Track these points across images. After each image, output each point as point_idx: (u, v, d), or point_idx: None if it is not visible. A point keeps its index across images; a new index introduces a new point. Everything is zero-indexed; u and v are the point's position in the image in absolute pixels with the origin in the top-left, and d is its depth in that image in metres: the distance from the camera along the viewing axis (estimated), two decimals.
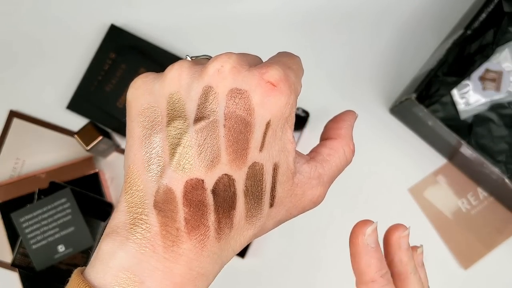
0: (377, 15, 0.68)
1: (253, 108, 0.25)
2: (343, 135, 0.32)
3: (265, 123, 0.26)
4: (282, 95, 0.26)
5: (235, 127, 0.25)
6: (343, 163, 0.31)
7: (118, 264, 0.25)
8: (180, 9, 0.68)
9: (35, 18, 0.68)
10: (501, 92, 0.65)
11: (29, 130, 0.66)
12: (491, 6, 0.58)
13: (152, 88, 0.28)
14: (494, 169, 0.55)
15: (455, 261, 0.64)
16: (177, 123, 0.26)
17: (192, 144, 0.25)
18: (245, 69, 0.26)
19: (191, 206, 0.25)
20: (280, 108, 0.26)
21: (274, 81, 0.26)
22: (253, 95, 0.26)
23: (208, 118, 0.25)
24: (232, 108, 0.25)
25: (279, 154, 0.27)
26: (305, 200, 0.29)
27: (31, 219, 0.59)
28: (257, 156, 0.26)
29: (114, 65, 0.65)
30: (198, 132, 0.25)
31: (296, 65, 0.30)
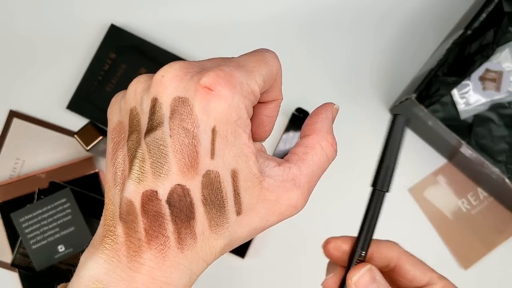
0: (377, 15, 0.68)
1: (196, 115, 0.25)
2: (318, 129, 0.30)
3: (210, 130, 0.25)
4: (221, 98, 0.25)
5: (180, 136, 0.25)
6: (322, 159, 0.29)
7: (88, 274, 0.26)
8: (180, 9, 0.68)
9: (35, 18, 0.68)
10: (501, 92, 0.65)
11: (29, 130, 0.66)
12: (491, 6, 0.58)
13: (120, 106, 0.28)
14: (494, 169, 0.55)
15: (455, 261, 0.64)
16: (133, 137, 0.26)
17: (145, 156, 0.25)
18: (188, 76, 0.26)
19: (149, 217, 0.25)
20: (223, 113, 0.25)
21: (209, 85, 0.25)
22: (194, 102, 0.25)
23: (156, 130, 0.25)
24: (176, 118, 0.25)
25: (236, 160, 0.26)
26: (281, 205, 0.28)
27: (31, 219, 0.59)
28: (209, 164, 0.25)
29: (114, 65, 0.65)
30: (148, 144, 0.25)
31: (254, 63, 0.28)
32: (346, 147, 0.66)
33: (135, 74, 0.64)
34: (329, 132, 0.30)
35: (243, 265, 0.64)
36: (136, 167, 0.26)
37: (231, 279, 0.64)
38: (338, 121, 0.70)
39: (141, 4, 0.68)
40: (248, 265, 0.64)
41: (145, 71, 0.64)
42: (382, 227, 0.67)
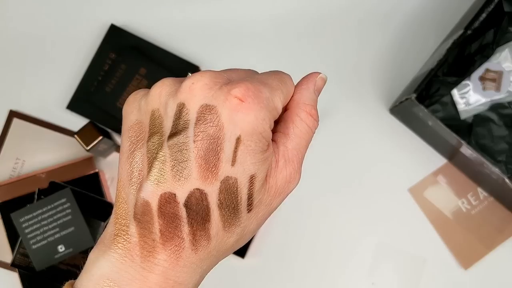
0: (377, 16, 0.68)
1: (222, 124, 0.26)
2: (296, 100, 0.30)
3: (235, 139, 0.26)
4: (250, 110, 0.26)
5: (205, 143, 0.26)
6: (304, 130, 0.30)
7: (100, 272, 0.26)
8: (180, 9, 0.68)
9: (34, 18, 0.68)
10: (501, 92, 0.65)
11: (29, 130, 0.66)
12: (491, 6, 0.58)
13: (140, 105, 0.29)
14: (494, 169, 0.55)
15: (455, 261, 0.64)
16: (155, 139, 0.27)
17: (166, 159, 0.26)
18: (217, 86, 0.27)
19: (165, 219, 0.26)
20: (250, 123, 0.26)
21: (241, 96, 0.26)
22: (222, 111, 0.26)
23: (180, 134, 0.26)
24: (201, 124, 0.26)
25: (255, 166, 0.27)
26: (279, 185, 0.29)
27: (31, 219, 0.59)
28: (229, 170, 0.26)
29: (114, 65, 0.65)
30: (171, 148, 0.26)
31: (277, 82, 0.29)
32: (345, 147, 0.66)
33: (135, 74, 0.64)
34: (308, 102, 0.30)
35: (243, 265, 0.64)
36: (156, 169, 0.26)
37: (231, 279, 0.64)
38: (338, 121, 0.71)
39: (141, 4, 0.68)
40: (248, 265, 0.64)
41: (145, 71, 0.64)
42: (382, 227, 0.67)
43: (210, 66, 0.67)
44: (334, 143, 0.66)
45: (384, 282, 0.64)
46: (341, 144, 0.66)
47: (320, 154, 0.66)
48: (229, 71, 0.29)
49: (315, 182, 0.65)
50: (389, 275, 0.64)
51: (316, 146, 0.66)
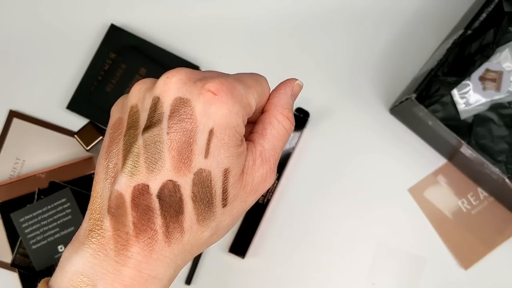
0: (377, 15, 0.68)
1: (196, 116, 0.26)
2: (274, 104, 0.31)
3: (208, 131, 0.27)
4: (223, 103, 0.27)
5: (178, 135, 0.26)
6: (281, 132, 0.31)
7: (73, 268, 0.26)
8: (181, 9, 0.68)
9: (34, 18, 0.68)
10: (501, 92, 0.65)
11: (29, 130, 0.66)
12: (491, 6, 0.58)
13: (123, 104, 0.30)
14: (494, 169, 0.55)
15: (455, 261, 0.64)
16: (131, 132, 0.27)
17: (140, 151, 0.26)
18: (192, 81, 0.27)
19: (138, 211, 0.26)
20: (223, 116, 0.27)
21: (215, 90, 0.27)
22: (196, 104, 0.26)
23: (154, 127, 0.26)
24: (175, 117, 0.26)
25: (229, 160, 0.27)
26: (255, 183, 0.29)
27: (31, 219, 0.59)
28: (202, 162, 0.27)
29: (114, 65, 0.65)
30: (145, 140, 0.26)
31: (253, 81, 0.30)
32: (345, 147, 0.66)
33: (135, 74, 0.64)
34: (285, 107, 0.31)
35: (243, 265, 0.64)
36: (130, 160, 0.26)
37: (231, 279, 0.64)
38: (338, 121, 0.71)
39: (141, 4, 0.68)
40: (248, 265, 0.64)
41: (145, 71, 0.64)
42: (382, 227, 0.67)
43: (210, 66, 0.67)
44: (334, 143, 0.66)
45: (384, 282, 0.64)
46: (341, 144, 0.66)
47: (320, 154, 0.66)
48: (205, 71, 0.30)
49: (315, 182, 0.65)
50: (389, 275, 0.64)
51: (316, 146, 0.66)
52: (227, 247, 0.63)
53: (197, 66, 0.66)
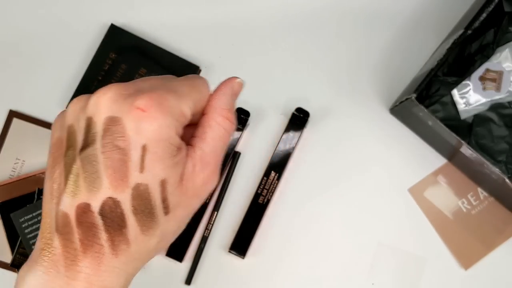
0: (377, 15, 0.68)
1: (128, 134, 0.27)
2: (213, 105, 0.32)
3: (141, 147, 0.27)
4: (153, 119, 0.27)
5: (112, 153, 0.27)
6: (220, 134, 0.31)
7: (27, 287, 0.28)
8: (181, 9, 0.68)
9: (34, 18, 0.68)
10: (501, 92, 0.65)
11: (29, 130, 0.66)
12: (491, 6, 0.58)
13: (61, 122, 0.31)
14: (494, 169, 0.55)
15: (455, 261, 0.64)
16: (69, 153, 0.29)
17: (79, 171, 0.28)
18: (122, 98, 0.28)
19: (83, 228, 0.28)
20: (154, 132, 0.28)
21: (143, 106, 0.27)
22: (127, 122, 0.27)
23: (89, 147, 0.28)
24: (108, 136, 0.27)
25: (165, 171, 0.28)
26: (197, 187, 0.30)
27: (31, 219, 0.59)
28: (138, 177, 0.28)
29: (114, 65, 0.65)
30: (82, 160, 0.28)
31: (187, 88, 0.30)
32: (345, 147, 0.66)
33: (135, 74, 0.64)
34: (224, 107, 0.31)
35: (243, 265, 0.64)
36: (71, 181, 0.28)
37: (231, 279, 0.64)
38: (337, 121, 0.71)
39: (141, 4, 0.68)
40: (248, 265, 0.64)
41: (145, 71, 0.64)
42: (382, 227, 0.67)
43: (210, 66, 0.67)
44: (334, 143, 0.66)
45: (384, 282, 0.64)
46: (340, 144, 0.66)
47: (320, 154, 0.66)
48: (139, 81, 0.30)
49: (315, 182, 0.65)
50: (389, 275, 0.64)
51: (316, 146, 0.66)
52: (227, 247, 0.63)
53: (197, 66, 0.66)
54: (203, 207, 0.64)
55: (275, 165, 0.64)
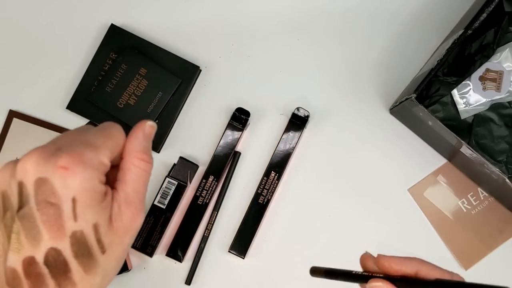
0: (377, 15, 0.68)
1: (57, 190, 0.31)
2: (128, 150, 0.35)
3: (71, 200, 0.31)
4: (75, 174, 0.31)
5: (46, 209, 0.31)
6: (139, 174, 0.35)
7: None
8: (180, 9, 0.68)
9: (34, 18, 0.68)
10: (501, 92, 0.65)
11: (29, 130, 0.66)
12: (491, 6, 0.58)
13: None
14: (494, 169, 0.55)
15: (456, 261, 0.64)
16: (8, 215, 0.32)
17: (19, 229, 0.31)
18: (45, 160, 0.31)
19: (31, 278, 0.31)
20: (80, 185, 0.31)
21: (65, 164, 0.31)
22: (54, 180, 0.31)
23: (25, 207, 0.31)
24: (39, 195, 0.31)
25: (96, 215, 0.32)
26: (127, 225, 0.34)
27: None
28: (73, 226, 0.31)
29: (114, 65, 0.65)
30: (20, 219, 0.31)
31: (102, 139, 0.34)
32: (345, 147, 0.66)
33: (135, 74, 0.64)
34: (138, 149, 0.35)
35: (243, 265, 0.64)
36: (14, 240, 0.31)
37: (231, 279, 0.64)
38: (338, 121, 0.71)
39: (141, 4, 0.68)
40: (248, 265, 0.64)
41: (145, 71, 0.64)
42: (382, 227, 0.67)
43: (210, 65, 0.67)
44: (334, 142, 0.66)
45: None
46: (340, 144, 0.66)
47: (320, 154, 0.66)
48: (57, 139, 0.34)
49: (315, 182, 0.65)
50: None
51: (316, 146, 0.66)
52: (227, 247, 0.63)
53: (197, 66, 0.66)
54: (203, 207, 0.64)
55: (275, 165, 0.64)
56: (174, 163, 0.64)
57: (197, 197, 0.64)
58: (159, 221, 0.63)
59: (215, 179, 0.64)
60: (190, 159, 0.65)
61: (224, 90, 0.67)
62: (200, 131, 0.66)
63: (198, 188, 0.64)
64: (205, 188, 0.64)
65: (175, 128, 0.66)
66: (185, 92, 0.66)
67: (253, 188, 0.64)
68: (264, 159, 0.65)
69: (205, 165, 0.65)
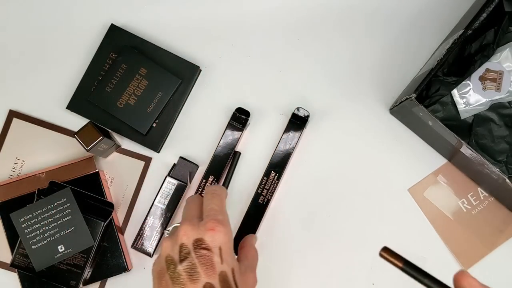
0: (377, 15, 0.68)
1: (208, 244, 0.46)
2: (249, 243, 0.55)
3: (218, 249, 0.46)
4: (220, 232, 0.47)
5: (202, 257, 0.45)
6: (255, 260, 0.53)
7: None
8: (180, 9, 0.68)
9: (35, 18, 0.68)
10: (501, 92, 0.65)
11: (29, 130, 0.66)
12: (491, 6, 0.58)
13: (158, 263, 0.48)
14: (494, 169, 0.55)
15: (456, 261, 0.64)
16: (171, 268, 0.46)
17: (182, 274, 0.45)
18: (196, 226, 0.47)
19: None
20: (223, 239, 0.47)
21: (213, 227, 0.47)
22: (206, 238, 0.46)
23: (187, 258, 0.45)
24: (198, 249, 0.46)
25: (233, 262, 0.47)
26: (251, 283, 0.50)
27: (31, 219, 0.59)
28: (220, 267, 0.45)
29: (114, 65, 0.65)
30: (184, 266, 0.45)
31: (220, 202, 0.50)
32: (346, 147, 0.66)
33: (135, 74, 0.64)
34: (253, 245, 0.55)
35: None
36: (178, 281, 0.45)
37: None
38: (338, 121, 0.71)
39: (141, 4, 0.68)
40: None
41: (145, 71, 0.64)
42: (382, 227, 0.67)
43: (210, 65, 0.67)
44: (334, 143, 0.66)
45: (384, 282, 0.64)
46: (341, 144, 0.66)
47: (320, 154, 0.66)
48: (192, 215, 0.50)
49: (315, 182, 0.65)
50: (389, 275, 0.64)
51: (316, 146, 0.66)
52: None
53: (197, 66, 0.66)
54: None
55: (275, 165, 0.64)
56: (174, 163, 0.64)
57: None
58: (159, 221, 0.63)
59: (215, 179, 0.64)
60: (190, 159, 0.65)
61: (224, 90, 0.67)
62: (200, 131, 0.66)
63: (198, 188, 0.64)
64: (205, 188, 0.64)
65: (175, 128, 0.66)
66: (185, 92, 0.66)
67: (253, 188, 0.64)
68: (264, 159, 0.65)
69: (205, 165, 0.65)
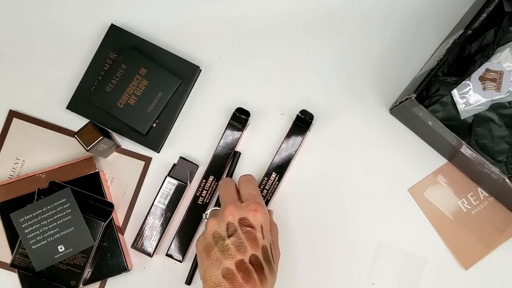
0: (377, 16, 0.68)
1: (252, 223, 0.54)
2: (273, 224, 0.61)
3: (260, 226, 0.55)
4: (260, 212, 0.55)
5: (248, 233, 0.54)
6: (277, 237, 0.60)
7: None
8: (181, 9, 0.68)
9: (35, 18, 0.68)
10: (501, 92, 0.65)
11: (29, 130, 0.66)
12: (491, 6, 0.58)
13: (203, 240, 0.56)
14: (494, 169, 0.55)
15: (456, 261, 0.64)
16: (220, 243, 0.54)
17: (231, 246, 0.53)
18: (240, 207, 0.55)
19: (242, 272, 0.52)
20: (263, 218, 0.55)
21: (255, 208, 0.55)
22: (249, 217, 0.54)
23: (234, 234, 0.54)
24: (243, 226, 0.54)
25: (270, 238, 0.56)
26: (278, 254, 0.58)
27: (31, 219, 0.59)
28: (262, 242, 0.54)
29: (114, 65, 0.65)
30: (232, 241, 0.53)
31: (256, 187, 0.60)
32: (346, 147, 0.66)
33: (135, 74, 0.64)
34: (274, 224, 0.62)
35: None
36: (228, 252, 0.53)
37: None
38: (338, 121, 0.71)
39: (141, 4, 0.68)
40: None
41: (145, 71, 0.64)
42: (382, 227, 0.67)
43: (210, 65, 0.67)
44: (334, 142, 0.66)
45: (384, 282, 0.64)
46: (341, 144, 0.66)
47: (321, 154, 0.66)
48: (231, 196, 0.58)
49: (315, 182, 0.65)
50: (389, 275, 0.64)
51: (317, 146, 0.66)
52: None
53: (197, 66, 0.66)
54: (203, 207, 0.64)
55: (276, 166, 0.64)
56: (174, 163, 0.64)
57: (197, 197, 0.64)
58: (159, 221, 0.63)
59: (215, 179, 0.64)
60: (190, 159, 0.65)
61: (224, 90, 0.67)
62: (200, 131, 0.66)
63: (198, 188, 0.64)
64: (205, 188, 0.64)
65: (175, 128, 0.66)
66: (185, 92, 0.66)
67: None
68: (264, 159, 0.65)
69: (205, 165, 0.65)
